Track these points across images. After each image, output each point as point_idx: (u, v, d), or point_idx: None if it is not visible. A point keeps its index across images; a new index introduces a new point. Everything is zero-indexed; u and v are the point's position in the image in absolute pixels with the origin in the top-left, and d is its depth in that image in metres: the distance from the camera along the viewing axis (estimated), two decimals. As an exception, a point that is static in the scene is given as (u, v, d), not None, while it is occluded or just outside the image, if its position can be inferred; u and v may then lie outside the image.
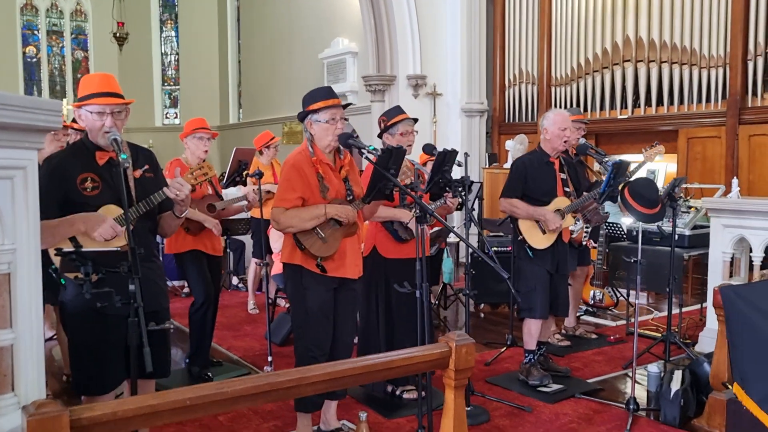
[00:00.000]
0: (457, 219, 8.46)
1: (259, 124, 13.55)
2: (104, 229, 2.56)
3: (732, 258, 4.81)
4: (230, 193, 5.15)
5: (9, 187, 1.85)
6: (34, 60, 16.40)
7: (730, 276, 4.84)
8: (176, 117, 17.44)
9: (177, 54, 17.40)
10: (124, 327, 2.64)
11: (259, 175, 4.39)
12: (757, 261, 4.57)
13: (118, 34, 14.69)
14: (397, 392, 4.10)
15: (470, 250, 4.66)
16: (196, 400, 1.88)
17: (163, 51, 17.52)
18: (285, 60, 13.21)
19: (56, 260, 2.50)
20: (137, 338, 2.32)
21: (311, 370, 2.12)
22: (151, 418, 1.85)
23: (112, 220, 2.59)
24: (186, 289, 7.13)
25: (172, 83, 17.55)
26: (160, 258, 3.22)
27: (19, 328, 1.89)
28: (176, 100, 17.52)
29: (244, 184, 4.55)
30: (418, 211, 3.03)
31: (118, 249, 2.48)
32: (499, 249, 6.16)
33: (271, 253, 5.21)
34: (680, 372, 3.84)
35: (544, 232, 4.23)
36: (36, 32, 16.47)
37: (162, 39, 17.48)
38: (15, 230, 1.86)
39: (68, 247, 2.47)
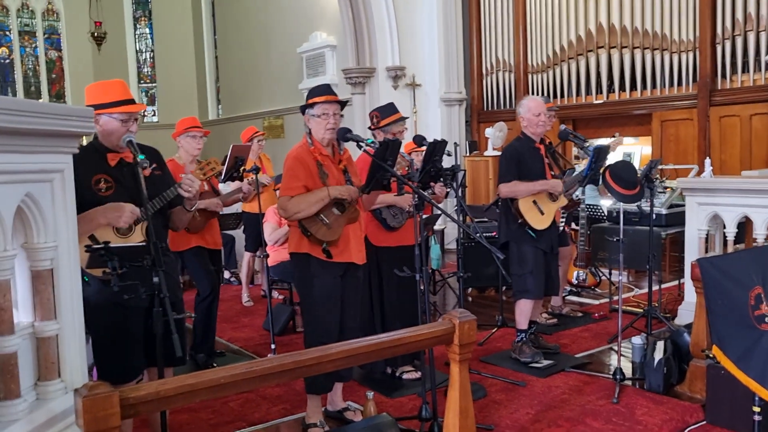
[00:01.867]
0: (444, 207, 8.64)
1: (239, 119, 13.62)
2: (127, 216, 2.73)
3: (707, 234, 5.06)
4: (223, 189, 5.28)
5: (49, 189, 2.01)
6: (7, 61, 16.24)
7: (706, 251, 5.09)
8: (154, 115, 17.41)
9: (152, 51, 17.36)
10: (144, 318, 2.82)
11: (256, 170, 4.55)
12: (731, 236, 4.82)
13: (96, 34, 14.61)
14: (397, 373, 4.30)
15: (459, 237, 4.88)
16: (229, 378, 2.05)
17: (137, 48, 17.46)
18: (263, 55, 13.27)
19: (81, 258, 2.64)
20: (163, 327, 2.48)
21: (330, 348, 2.30)
22: (189, 396, 2.02)
23: (129, 205, 2.74)
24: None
25: (148, 81, 17.51)
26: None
27: (63, 319, 2.05)
28: (153, 98, 17.48)
29: (241, 179, 4.70)
30: (416, 199, 3.22)
31: (140, 244, 2.63)
32: (485, 234, 6.36)
33: (266, 245, 5.37)
34: (662, 343, 4.07)
35: (542, 213, 4.43)
36: (8, 33, 16.30)
37: (136, 36, 17.41)
38: (56, 228, 2.02)
39: (88, 244, 2.63)
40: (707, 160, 5.34)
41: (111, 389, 1.86)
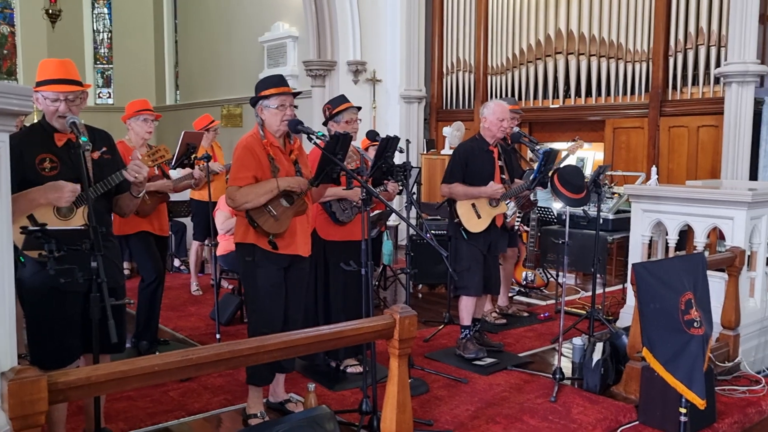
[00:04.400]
0: (397, 203, 8.69)
1: (198, 106, 13.42)
2: (68, 195, 2.66)
3: (650, 240, 5.19)
4: (173, 175, 5.22)
5: (-18, 167, 1.95)
6: (-43, 34, 15.70)
7: (649, 257, 5.22)
8: (109, 97, 17.05)
9: (110, 32, 16.98)
10: (82, 303, 2.77)
11: (207, 158, 4.50)
12: (672, 243, 4.96)
13: (50, 11, 14.20)
14: (341, 366, 4.31)
15: (410, 233, 4.91)
16: (163, 366, 2.04)
17: (95, 28, 17.05)
18: (224, 42, 13.10)
19: (17, 238, 2.58)
20: (100, 312, 2.44)
21: (268, 339, 2.30)
22: (121, 382, 2.00)
23: (69, 184, 2.68)
24: (126, 271, 7.13)
25: (104, 62, 17.12)
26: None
27: (-8, 301, 2.00)
28: (109, 80, 17.10)
29: (192, 167, 4.64)
30: (364, 194, 3.23)
31: (81, 228, 2.58)
32: (437, 232, 6.42)
33: (216, 234, 5.32)
34: (601, 344, 4.18)
35: (479, 217, 4.50)
36: (-42, 5, 15.75)
37: (94, 16, 17.01)
38: (-12, 208, 1.97)
39: (25, 225, 2.57)
40: (653, 169, 5.49)
41: (39, 373, 1.83)
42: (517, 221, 5.01)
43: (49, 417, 2.86)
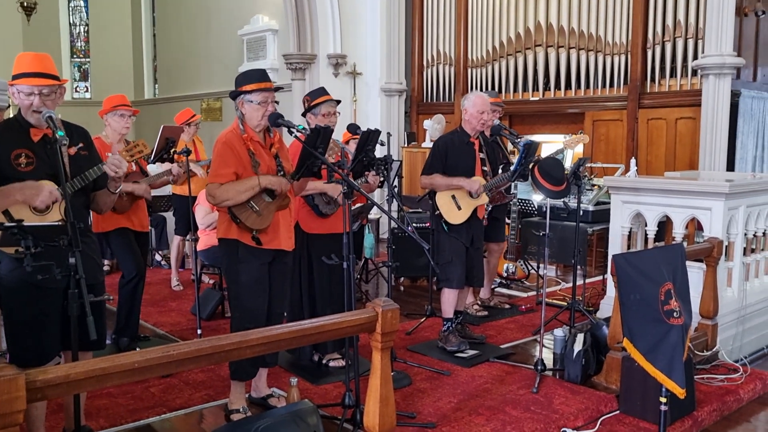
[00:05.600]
0: (378, 196, 8.68)
1: (177, 100, 13.31)
2: (45, 197, 2.63)
3: (630, 232, 5.24)
4: (152, 170, 5.17)
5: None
6: (-71, 27, 15.38)
7: (628, 248, 5.27)
8: (87, 91, 16.84)
9: (87, 25, 16.75)
10: (60, 300, 2.74)
11: (187, 152, 4.46)
12: (651, 234, 5.01)
13: (25, 4, 13.96)
14: (324, 361, 4.31)
15: (391, 226, 4.91)
16: (143, 363, 2.02)
17: (71, 21, 16.82)
18: (203, 35, 12.99)
19: (-7, 235, 2.54)
20: (78, 309, 2.41)
21: (250, 334, 2.29)
22: (101, 380, 1.98)
23: (49, 185, 2.65)
24: (106, 267, 7.06)
25: (81, 55, 16.90)
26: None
27: (-33, 299, 1.97)
28: (86, 73, 16.89)
29: (172, 161, 4.60)
30: (345, 187, 3.22)
31: (58, 223, 2.55)
32: (419, 225, 6.43)
33: (196, 229, 5.28)
34: (582, 335, 4.21)
35: (459, 208, 4.51)
36: (-71, -2, 15.42)
37: (70, 9, 16.77)
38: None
39: (1, 221, 2.53)
40: (632, 160, 5.53)
41: (17, 372, 1.81)
42: (485, 215, 4.99)
43: (27, 415, 2.84)
